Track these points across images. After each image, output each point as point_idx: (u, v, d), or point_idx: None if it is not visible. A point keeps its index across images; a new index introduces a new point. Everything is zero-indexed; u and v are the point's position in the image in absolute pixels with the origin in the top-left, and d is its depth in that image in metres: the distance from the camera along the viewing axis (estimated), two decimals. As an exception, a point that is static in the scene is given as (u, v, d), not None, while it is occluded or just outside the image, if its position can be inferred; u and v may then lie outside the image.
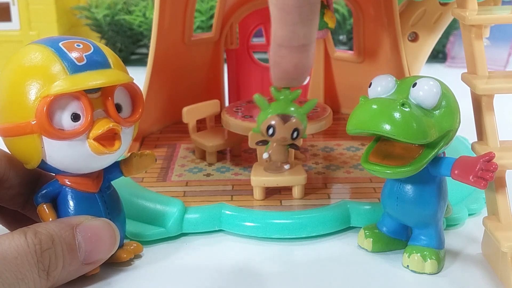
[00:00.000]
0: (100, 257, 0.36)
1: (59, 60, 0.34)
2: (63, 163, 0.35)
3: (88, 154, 0.35)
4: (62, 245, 0.34)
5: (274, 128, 0.44)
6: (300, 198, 0.47)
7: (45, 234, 0.34)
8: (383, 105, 0.35)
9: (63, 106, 0.34)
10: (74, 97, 0.34)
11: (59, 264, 0.34)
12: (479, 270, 0.39)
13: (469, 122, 0.41)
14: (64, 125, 0.34)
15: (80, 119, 0.34)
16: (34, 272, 0.33)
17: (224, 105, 0.65)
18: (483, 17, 0.39)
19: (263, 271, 0.39)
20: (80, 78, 0.34)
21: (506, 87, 0.39)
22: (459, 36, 0.88)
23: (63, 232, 0.34)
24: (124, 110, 0.36)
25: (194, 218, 0.43)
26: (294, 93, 0.46)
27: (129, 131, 0.37)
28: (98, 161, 0.36)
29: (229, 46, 0.65)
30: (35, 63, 0.34)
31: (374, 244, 0.41)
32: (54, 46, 0.34)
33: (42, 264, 0.33)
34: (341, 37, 0.98)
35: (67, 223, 0.35)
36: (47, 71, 0.34)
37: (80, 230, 0.35)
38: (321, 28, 0.52)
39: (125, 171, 0.39)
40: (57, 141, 0.34)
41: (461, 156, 0.37)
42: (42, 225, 0.35)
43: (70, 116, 0.34)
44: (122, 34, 0.93)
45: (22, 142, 0.35)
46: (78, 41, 0.35)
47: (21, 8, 0.89)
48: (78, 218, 0.36)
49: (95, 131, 0.34)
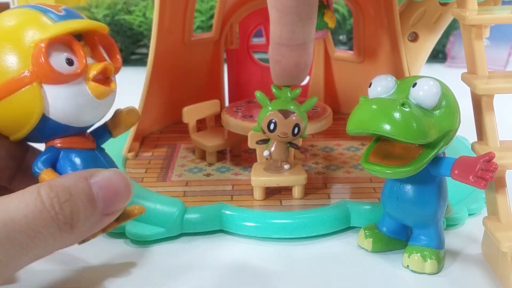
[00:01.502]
0: (118, 207, 0.35)
1: (41, 13, 0.35)
2: (64, 112, 0.35)
3: (88, 97, 0.35)
4: (80, 195, 0.33)
5: (275, 124, 0.44)
6: (300, 198, 0.47)
7: (61, 187, 0.33)
8: (383, 105, 0.35)
9: (57, 52, 0.34)
10: (65, 43, 0.34)
11: (81, 215, 0.33)
12: (479, 270, 0.39)
13: (469, 122, 0.41)
14: (61, 70, 0.34)
15: (74, 64, 0.34)
16: (53, 227, 0.32)
17: (224, 105, 0.65)
18: (483, 17, 0.39)
19: (263, 271, 0.39)
20: (66, 24, 0.35)
21: (506, 87, 0.39)
22: (459, 36, 0.88)
23: (79, 183, 0.33)
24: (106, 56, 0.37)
25: (194, 218, 0.43)
26: (294, 91, 0.46)
27: (115, 81, 0.37)
28: (96, 108, 0.36)
29: (229, 46, 0.65)
30: (18, 19, 0.35)
31: (374, 244, 0.41)
32: (31, 6, 0.35)
33: (63, 216, 0.32)
34: (341, 37, 0.98)
35: (80, 174, 0.34)
36: (34, 22, 0.34)
37: (95, 181, 0.34)
38: (321, 28, 0.52)
39: (113, 129, 0.39)
40: (58, 87, 0.34)
41: (461, 156, 0.37)
42: (56, 179, 0.34)
43: (65, 60, 0.34)
44: (122, 34, 0.93)
45: (19, 100, 0.34)
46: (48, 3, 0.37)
47: (21, 8, 0.89)
48: (90, 171, 0.35)
49: (92, 71, 0.35)
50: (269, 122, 0.44)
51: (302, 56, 0.42)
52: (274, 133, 0.45)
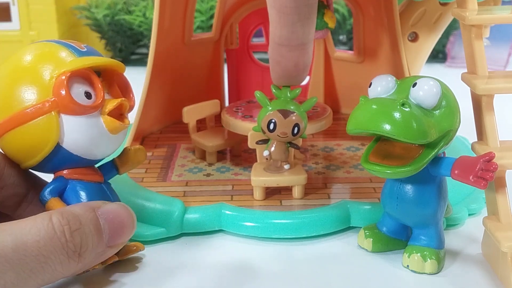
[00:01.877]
0: (122, 240, 0.36)
1: (64, 48, 0.36)
2: (77, 144, 0.36)
3: (102, 131, 0.36)
4: (89, 225, 0.34)
5: (275, 123, 0.44)
6: (300, 198, 0.47)
7: (72, 215, 0.33)
8: (383, 105, 0.35)
9: (77, 84, 0.36)
10: (85, 77, 0.36)
11: (89, 244, 0.33)
12: (479, 270, 0.39)
13: (469, 122, 0.41)
14: (80, 101, 0.35)
15: (92, 97, 0.36)
16: (62, 254, 0.32)
17: (224, 105, 0.65)
18: (483, 17, 0.39)
19: (263, 271, 0.39)
20: (88, 59, 0.36)
21: (506, 87, 0.39)
22: (459, 36, 0.88)
23: (88, 213, 0.34)
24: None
25: (194, 218, 0.43)
26: (294, 91, 0.46)
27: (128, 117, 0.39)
28: (108, 142, 0.37)
29: (229, 46, 0.65)
30: (42, 50, 0.36)
31: (374, 244, 0.41)
32: (54, 41, 0.37)
33: (73, 244, 0.33)
34: (341, 37, 0.98)
35: (88, 205, 0.35)
36: (57, 54, 0.36)
37: (102, 212, 0.35)
38: (321, 28, 0.52)
39: (121, 166, 0.40)
40: (75, 118, 0.35)
41: (461, 156, 0.37)
42: (66, 207, 0.34)
43: (84, 94, 0.36)
44: (122, 34, 0.93)
45: (34, 128, 0.35)
46: (70, 41, 0.38)
47: (21, 8, 0.89)
48: (97, 202, 0.36)
49: (109, 106, 0.36)
50: (269, 122, 0.44)
51: (301, 56, 0.42)
52: (273, 133, 0.45)
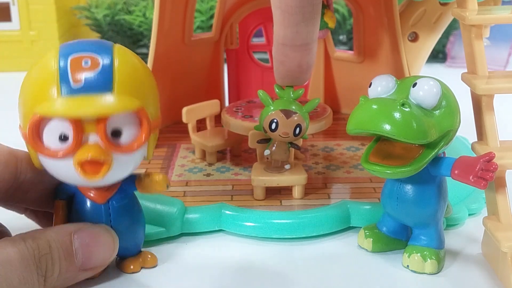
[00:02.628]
0: (97, 263, 0.36)
1: (56, 79, 0.33)
2: (56, 176, 0.35)
3: (75, 175, 0.34)
4: (59, 250, 0.34)
5: (277, 123, 0.44)
6: (300, 198, 0.47)
7: (43, 240, 0.34)
8: (383, 105, 0.35)
9: (53, 126, 0.33)
10: (64, 119, 0.33)
11: (55, 269, 0.34)
12: (479, 270, 0.39)
13: (469, 122, 0.41)
14: (51, 144, 0.34)
15: (68, 140, 0.33)
16: (34, 277, 0.33)
17: (224, 105, 0.65)
18: (483, 17, 0.39)
19: (263, 271, 0.39)
20: (70, 103, 0.32)
21: (506, 87, 0.39)
22: (459, 36, 0.88)
23: (60, 238, 0.35)
24: (125, 135, 0.34)
25: (194, 218, 0.43)
26: (297, 92, 0.46)
27: (128, 158, 0.35)
28: (91, 182, 0.35)
29: (229, 46, 0.65)
30: (37, 76, 0.34)
31: (374, 244, 0.41)
32: (62, 59, 0.33)
33: (40, 269, 0.33)
34: (341, 37, 0.98)
35: (65, 229, 0.35)
36: (43, 87, 0.33)
37: (78, 236, 0.35)
38: (321, 28, 0.52)
39: (138, 187, 0.38)
40: (48, 158, 0.34)
41: (461, 156, 0.37)
42: (40, 231, 0.35)
43: (59, 136, 0.33)
44: (122, 34, 0.93)
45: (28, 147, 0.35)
46: (90, 56, 0.34)
47: (21, 8, 0.89)
48: (78, 225, 0.36)
49: (78, 156, 0.33)
50: (271, 121, 0.44)
51: (305, 56, 0.42)
52: (275, 133, 0.45)
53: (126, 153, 0.34)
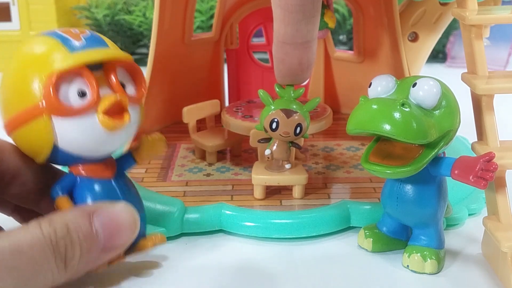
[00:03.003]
0: (121, 242, 0.35)
1: (58, 43, 0.34)
2: (75, 145, 0.35)
3: (99, 130, 0.34)
4: (78, 232, 0.33)
5: (277, 122, 0.44)
6: (300, 198, 0.47)
7: (60, 222, 0.33)
8: (383, 105, 0.35)
9: (69, 83, 0.34)
10: (78, 74, 0.34)
11: (76, 252, 0.33)
12: (479, 270, 0.39)
13: (469, 122, 0.41)
14: (71, 102, 0.34)
15: (87, 95, 0.34)
16: (52, 263, 0.32)
17: (224, 105, 0.65)
18: (483, 17, 0.39)
19: (263, 271, 0.39)
20: (81, 55, 0.34)
21: (506, 87, 0.39)
22: (459, 36, 0.88)
23: (79, 220, 0.34)
24: (127, 88, 0.36)
25: (194, 218, 0.43)
26: (297, 91, 0.46)
27: (136, 111, 0.36)
28: (109, 140, 0.35)
29: (229, 46, 0.65)
30: (36, 49, 0.35)
31: (374, 244, 0.41)
32: (52, 33, 0.35)
33: (59, 253, 0.32)
34: (341, 37, 0.98)
35: (83, 210, 0.34)
36: (49, 53, 0.34)
37: (98, 216, 0.34)
38: (321, 28, 0.52)
39: (137, 156, 0.39)
40: (67, 120, 0.34)
41: (461, 156, 0.37)
42: (58, 214, 0.34)
43: (77, 93, 0.34)
44: (122, 34, 0.93)
45: (31, 129, 0.34)
46: (73, 28, 0.37)
47: (21, 8, 0.89)
48: (95, 205, 0.35)
49: (103, 105, 0.34)
50: (272, 121, 0.44)
51: (305, 54, 0.42)
52: (276, 132, 0.45)
53: (136, 103, 0.36)
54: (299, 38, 0.41)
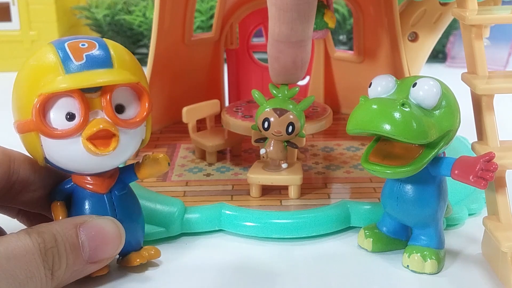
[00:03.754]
0: (105, 256, 0.36)
1: (58, 61, 0.34)
2: (61, 162, 0.35)
3: (83, 154, 0.34)
4: (65, 243, 0.34)
5: (269, 122, 0.44)
6: (295, 198, 0.47)
7: (48, 234, 0.34)
8: (383, 105, 0.35)
9: (59, 105, 0.34)
10: (70, 96, 0.34)
11: (62, 263, 0.34)
12: (479, 270, 0.39)
13: (469, 122, 0.41)
14: (58, 124, 0.34)
15: (75, 119, 0.34)
16: (41, 271, 0.33)
17: (224, 105, 0.65)
18: (483, 17, 0.39)
19: (263, 271, 0.39)
20: (75, 78, 0.33)
21: (506, 87, 0.39)
22: (459, 36, 0.88)
23: (66, 231, 0.34)
24: (128, 111, 0.36)
25: (194, 218, 0.43)
26: (292, 90, 0.46)
27: (133, 133, 0.36)
28: (97, 162, 0.35)
29: (229, 46, 0.65)
30: (37, 63, 0.35)
31: (374, 244, 0.41)
32: (59, 46, 0.35)
33: (47, 263, 0.33)
34: (341, 37, 0.98)
35: (70, 222, 0.35)
36: (45, 72, 0.34)
37: (84, 229, 0.35)
38: (321, 28, 0.52)
39: (138, 173, 0.38)
40: (53, 140, 0.34)
41: (461, 156, 0.37)
42: (45, 225, 0.35)
43: (66, 115, 0.34)
44: (122, 34, 0.93)
45: (27, 139, 0.35)
46: (84, 40, 0.35)
47: (21, 8, 0.89)
48: (83, 217, 0.36)
49: (87, 131, 0.34)
50: (264, 120, 0.45)
51: (299, 53, 0.42)
52: (268, 131, 0.45)
53: (130, 127, 0.35)
54: (293, 37, 0.41)
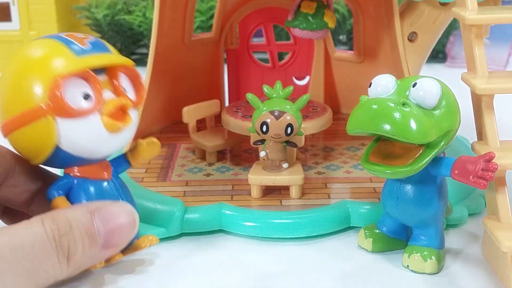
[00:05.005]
0: (120, 240, 0.36)
1: (63, 45, 0.35)
2: (77, 145, 0.35)
3: (102, 132, 0.35)
4: (80, 229, 0.34)
5: (267, 125, 0.44)
6: (297, 198, 0.47)
7: (63, 219, 0.33)
8: (383, 105, 0.35)
9: (74, 87, 0.35)
10: (84, 78, 0.35)
11: (78, 248, 0.33)
12: (479, 270, 0.39)
13: (469, 122, 0.41)
14: (76, 104, 0.35)
15: (91, 98, 0.35)
16: (54, 258, 0.32)
17: (224, 105, 0.65)
18: (483, 17, 0.39)
19: (263, 271, 0.39)
20: (87, 59, 0.35)
21: (506, 87, 0.39)
22: (459, 36, 0.88)
23: (81, 217, 0.34)
24: (127, 93, 0.37)
25: (194, 218, 0.43)
26: (286, 90, 0.46)
27: (135, 115, 0.37)
28: (110, 141, 0.36)
29: (229, 46, 0.65)
30: (39, 51, 0.35)
31: (374, 244, 0.41)
32: (55, 36, 0.36)
33: (61, 249, 0.33)
34: (341, 37, 0.98)
35: (84, 208, 0.35)
36: (54, 55, 0.35)
37: (99, 214, 0.35)
38: (321, 28, 0.52)
39: (132, 160, 0.40)
40: (72, 121, 0.34)
41: (461, 156, 0.37)
42: (60, 211, 0.34)
43: (82, 95, 0.35)
44: (122, 34, 0.93)
45: (32, 131, 0.35)
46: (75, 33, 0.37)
47: (21, 8, 0.89)
48: (96, 203, 0.36)
49: (108, 107, 0.35)
50: (262, 124, 0.45)
51: None
52: (267, 135, 0.45)
53: (136, 107, 0.37)
54: None
